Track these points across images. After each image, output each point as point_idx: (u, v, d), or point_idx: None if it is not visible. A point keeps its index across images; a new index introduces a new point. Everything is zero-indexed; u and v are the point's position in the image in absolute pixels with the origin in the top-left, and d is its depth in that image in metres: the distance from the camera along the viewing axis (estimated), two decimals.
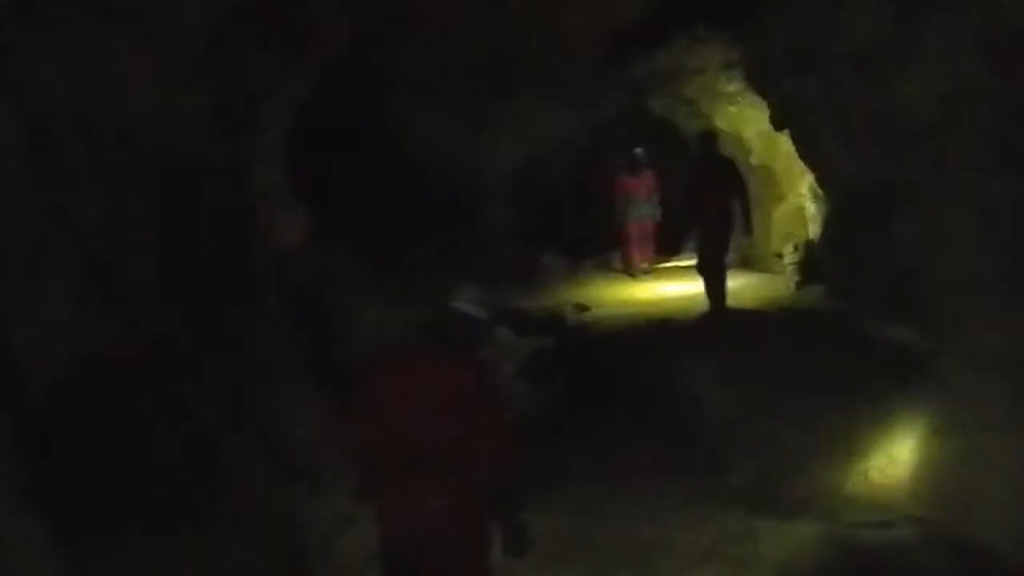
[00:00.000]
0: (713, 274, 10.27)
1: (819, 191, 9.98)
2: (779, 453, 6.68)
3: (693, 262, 11.12)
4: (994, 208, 5.49)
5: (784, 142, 10.64)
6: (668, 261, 14.78)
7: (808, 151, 8.59)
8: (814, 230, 10.74)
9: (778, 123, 8.74)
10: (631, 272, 14.15)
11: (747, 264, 13.04)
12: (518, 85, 11.66)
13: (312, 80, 7.78)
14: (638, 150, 14.14)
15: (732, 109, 12.10)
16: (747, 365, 8.12)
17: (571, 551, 5.62)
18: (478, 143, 12.39)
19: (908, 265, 6.68)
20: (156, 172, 5.53)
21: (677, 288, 12.42)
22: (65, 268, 5.03)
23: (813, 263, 10.63)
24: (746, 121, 12.05)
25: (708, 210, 10.07)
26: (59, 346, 4.89)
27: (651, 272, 14.12)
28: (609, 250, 14.99)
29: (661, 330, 10.20)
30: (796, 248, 11.17)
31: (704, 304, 10.39)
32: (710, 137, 10.71)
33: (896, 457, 6.22)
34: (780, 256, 11.85)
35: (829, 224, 9.67)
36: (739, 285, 11.32)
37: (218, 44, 6.12)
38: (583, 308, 11.77)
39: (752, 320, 9.95)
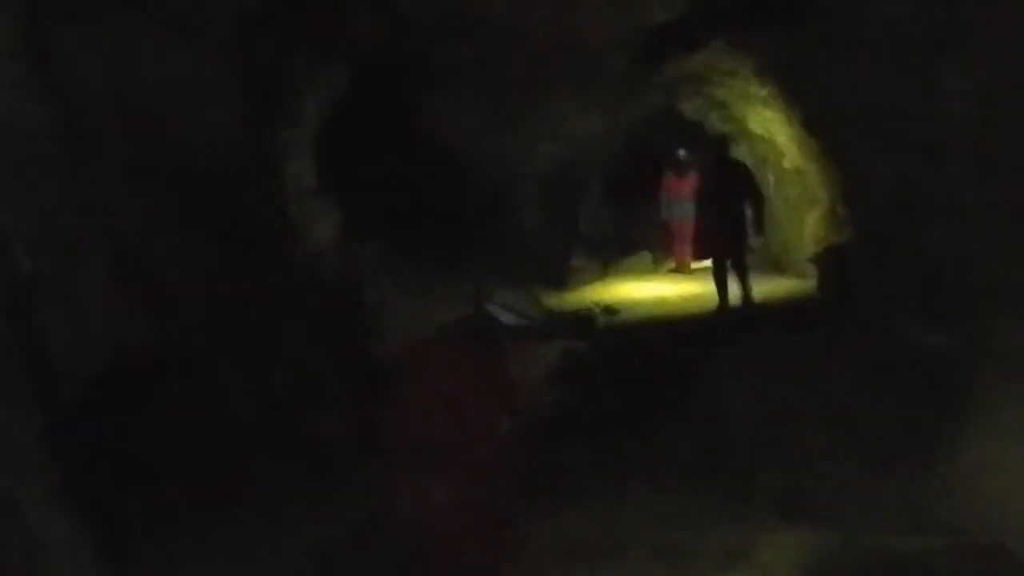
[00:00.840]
0: (721, 277, 10.60)
1: (852, 194, 9.92)
2: (807, 458, 6.64)
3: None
4: None
5: (817, 145, 10.58)
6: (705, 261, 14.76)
7: (840, 154, 8.54)
8: (847, 234, 10.66)
9: (810, 127, 8.71)
10: (671, 268, 14.23)
11: (778, 268, 12.98)
12: (551, 85, 11.67)
13: (345, 76, 7.83)
14: (681, 151, 14.21)
15: (765, 112, 12.04)
16: (776, 369, 8.07)
17: (599, 551, 5.62)
18: (511, 143, 12.40)
19: (941, 270, 6.62)
20: (189, 167, 5.59)
21: (709, 289, 12.34)
22: (98, 262, 5.08)
23: (845, 267, 10.56)
24: (779, 124, 11.98)
25: (719, 215, 10.24)
26: (91, 339, 4.95)
27: (690, 271, 14.11)
28: (642, 249, 15.02)
29: (691, 332, 10.19)
30: (828, 252, 11.09)
31: (733, 305, 10.59)
32: (721, 142, 10.88)
33: (926, 463, 6.16)
34: (812, 260, 11.78)
35: (861, 228, 9.61)
36: (770, 288, 11.29)
37: (251, 41, 6.18)
38: (613, 311, 11.74)
39: (782, 323, 9.91)
